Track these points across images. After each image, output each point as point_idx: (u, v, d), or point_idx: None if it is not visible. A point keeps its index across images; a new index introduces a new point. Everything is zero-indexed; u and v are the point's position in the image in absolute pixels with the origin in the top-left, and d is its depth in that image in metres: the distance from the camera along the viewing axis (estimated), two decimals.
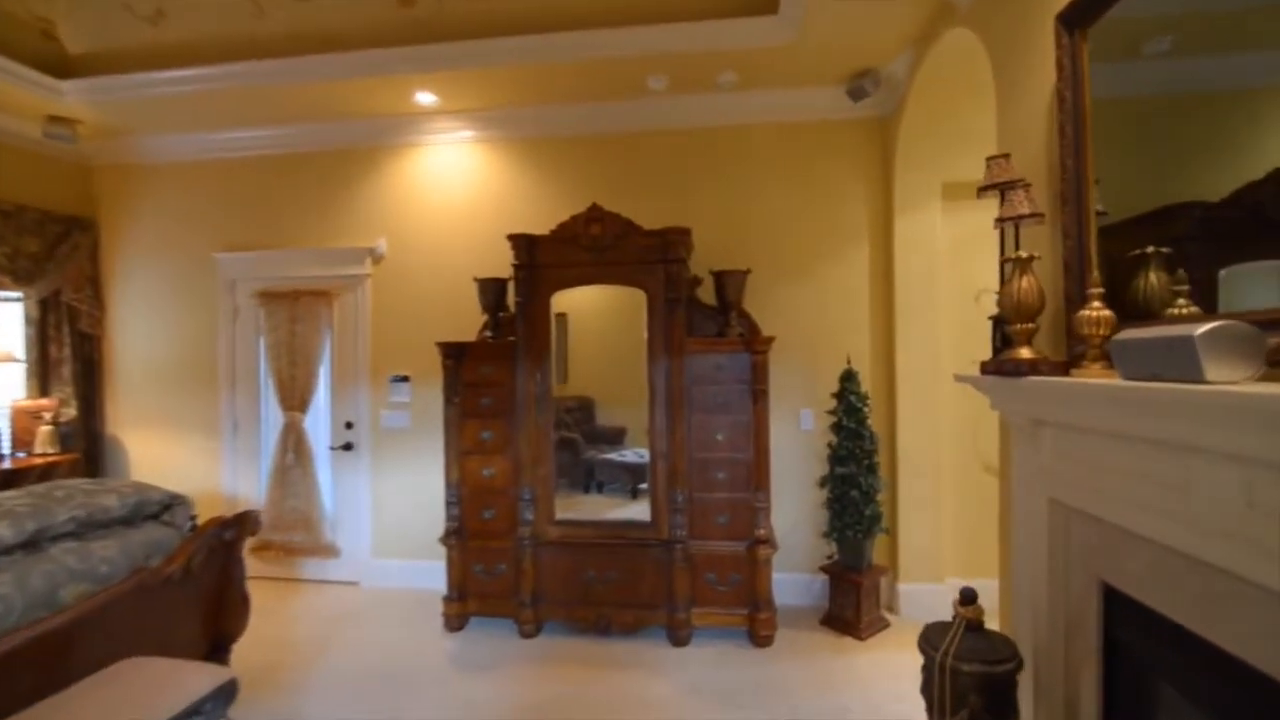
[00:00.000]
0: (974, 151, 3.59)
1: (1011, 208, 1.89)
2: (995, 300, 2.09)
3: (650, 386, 3.30)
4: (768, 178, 3.85)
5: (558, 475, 3.83)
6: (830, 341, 3.79)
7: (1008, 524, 2.30)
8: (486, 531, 3.47)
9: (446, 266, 4.07)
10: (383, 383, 4.17)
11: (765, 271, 3.80)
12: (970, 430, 3.71)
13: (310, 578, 4.28)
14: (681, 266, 3.24)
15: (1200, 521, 1.24)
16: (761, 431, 3.25)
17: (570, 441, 4.02)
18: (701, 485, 3.30)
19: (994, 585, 3.76)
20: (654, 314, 3.28)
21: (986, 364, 1.87)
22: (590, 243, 3.28)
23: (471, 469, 3.48)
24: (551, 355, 3.40)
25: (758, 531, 3.24)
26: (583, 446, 4.03)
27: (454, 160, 4.12)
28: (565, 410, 4.04)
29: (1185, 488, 1.27)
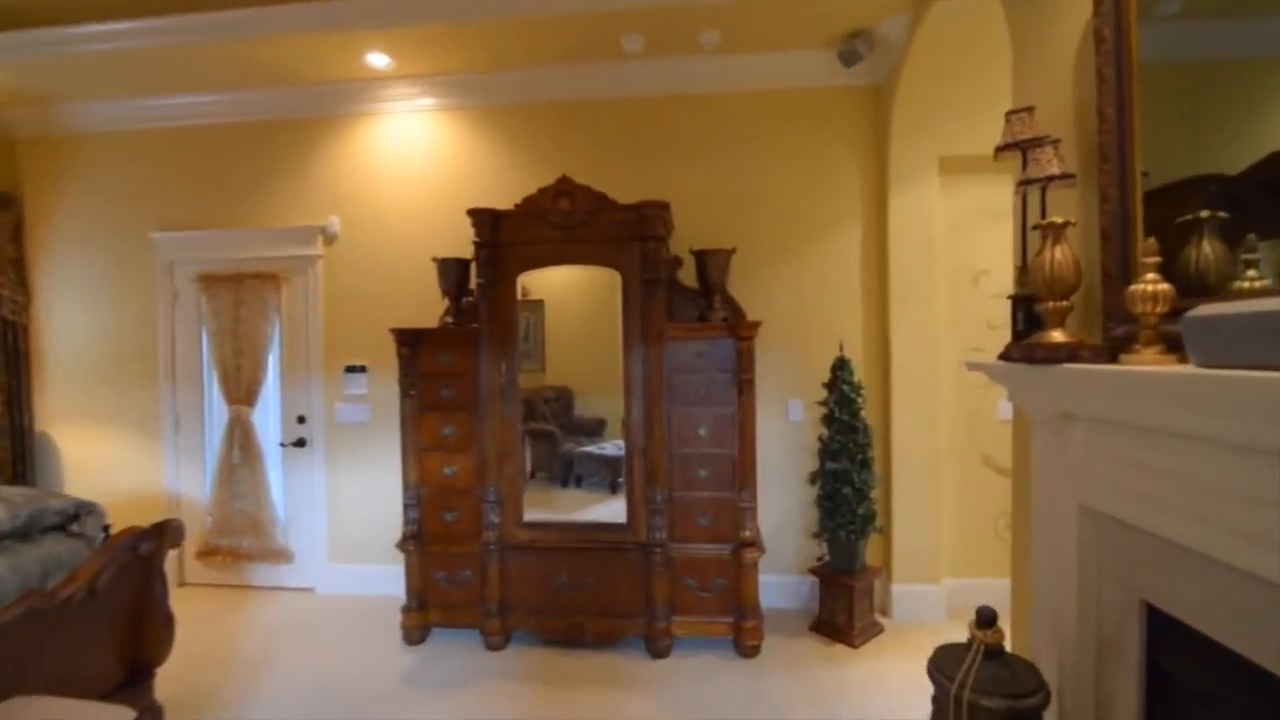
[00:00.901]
0: (974, 123, 3.34)
1: (1038, 168, 1.62)
2: (1015, 278, 1.84)
3: (626, 376, 3.02)
4: (753, 151, 3.57)
5: (534, 469, 3.57)
6: (821, 327, 3.53)
7: (1024, 529, 2.06)
8: (449, 535, 3.18)
9: (406, 247, 3.74)
10: (337, 373, 3.84)
11: (751, 252, 3.53)
12: (968, 421, 3.49)
13: (261, 584, 3.96)
14: (659, 245, 2.95)
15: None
16: (747, 425, 2.98)
17: (548, 434, 3.76)
18: (682, 484, 3.04)
19: (993, 585, 3.57)
20: (629, 297, 2.99)
21: (1011, 349, 1.61)
22: (559, 219, 2.98)
23: (431, 468, 3.18)
24: (518, 343, 3.10)
25: (743, 533, 2.98)
26: (561, 439, 3.76)
27: (412, 131, 3.78)
28: (543, 401, 3.77)
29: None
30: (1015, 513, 2.19)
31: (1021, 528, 2.11)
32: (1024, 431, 2.04)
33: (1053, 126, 1.78)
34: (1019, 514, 2.15)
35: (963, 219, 3.45)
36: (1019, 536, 2.16)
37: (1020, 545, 2.13)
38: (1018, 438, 2.14)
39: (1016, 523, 2.18)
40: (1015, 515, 2.19)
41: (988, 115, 3.30)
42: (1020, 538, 2.14)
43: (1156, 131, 1.46)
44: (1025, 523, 2.05)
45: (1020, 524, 2.13)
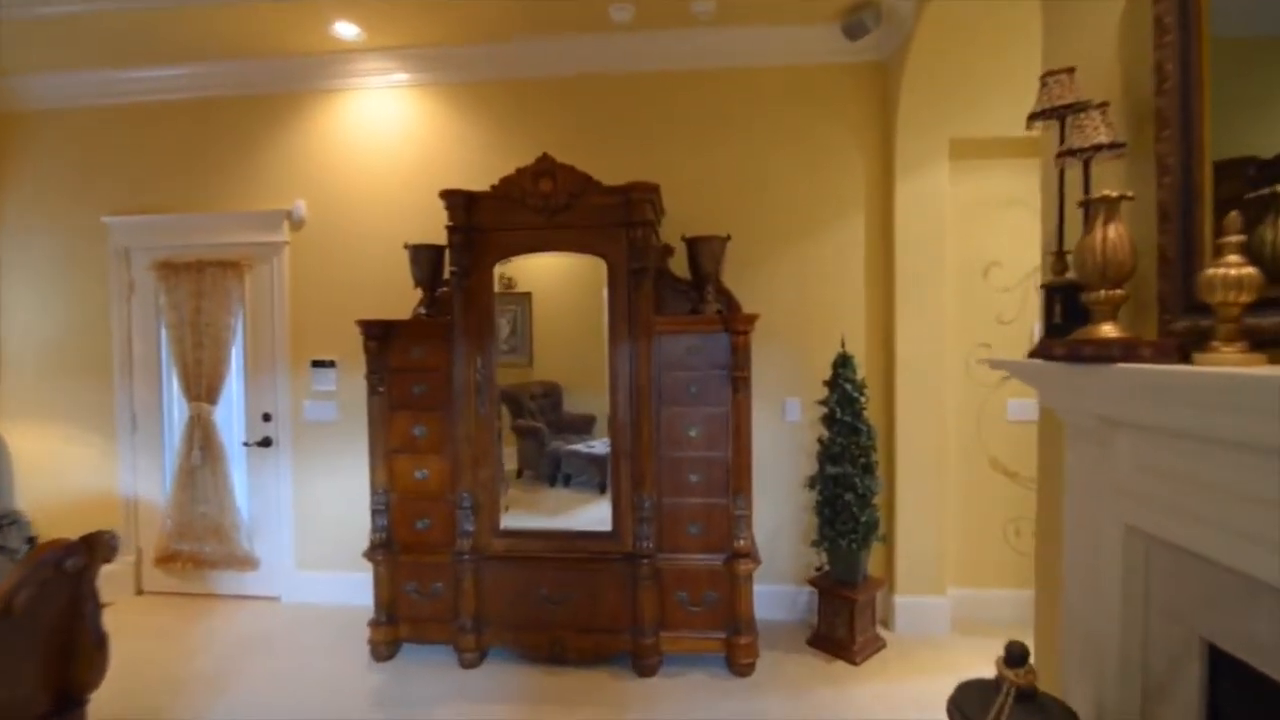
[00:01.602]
0: (987, 102, 3.12)
1: (1082, 136, 1.40)
2: (1049, 265, 1.61)
3: (611, 373, 2.79)
4: (750, 133, 3.34)
5: (521, 467, 3.37)
6: (821, 321, 3.31)
7: (1050, 546, 1.85)
8: (420, 544, 2.95)
9: (378, 233, 3.49)
10: (304, 368, 3.59)
11: (747, 241, 3.30)
12: (975, 421, 3.28)
13: (225, 592, 3.72)
14: (648, 231, 2.72)
15: None
16: (742, 426, 2.76)
17: (534, 431, 3.54)
18: (672, 489, 2.81)
19: (1001, 597, 3.38)
20: (616, 287, 2.76)
21: (1052, 346, 1.39)
22: (540, 202, 2.74)
23: (401, 470, 2.95)
24: (495, 336, 2.87)
25: (737, 543, 2.77)
26: (548, 436, 3.55)
27: (385, 108, 3.52)
28: (530, 397, 3.57)
29: None
30: (1040, 527, 1.97)
31: (1047, 545, 1.90)
32: (1052, 438, 1.83)
33: (1093, 92, 1.56)
34: (1044, 530, 1.94)
35: (972, 207, 3.23)
36: (1044, 554, 1.95)
37: (1046, 564, 1.92)
38: (1045, 444, 1.93)
39: (1041, 539, 1.97)
40: (1040, 530, 1.98)
41: (1002, 94, 3.09)
42: (1046, 555, 1.92)
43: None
44: (1052, 540, 1.84)
45: (1046, 541, 1.91)
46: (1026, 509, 3.27)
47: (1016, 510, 3.28)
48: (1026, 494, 3.26)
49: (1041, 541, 1.96)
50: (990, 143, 3.14)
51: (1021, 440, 3.26)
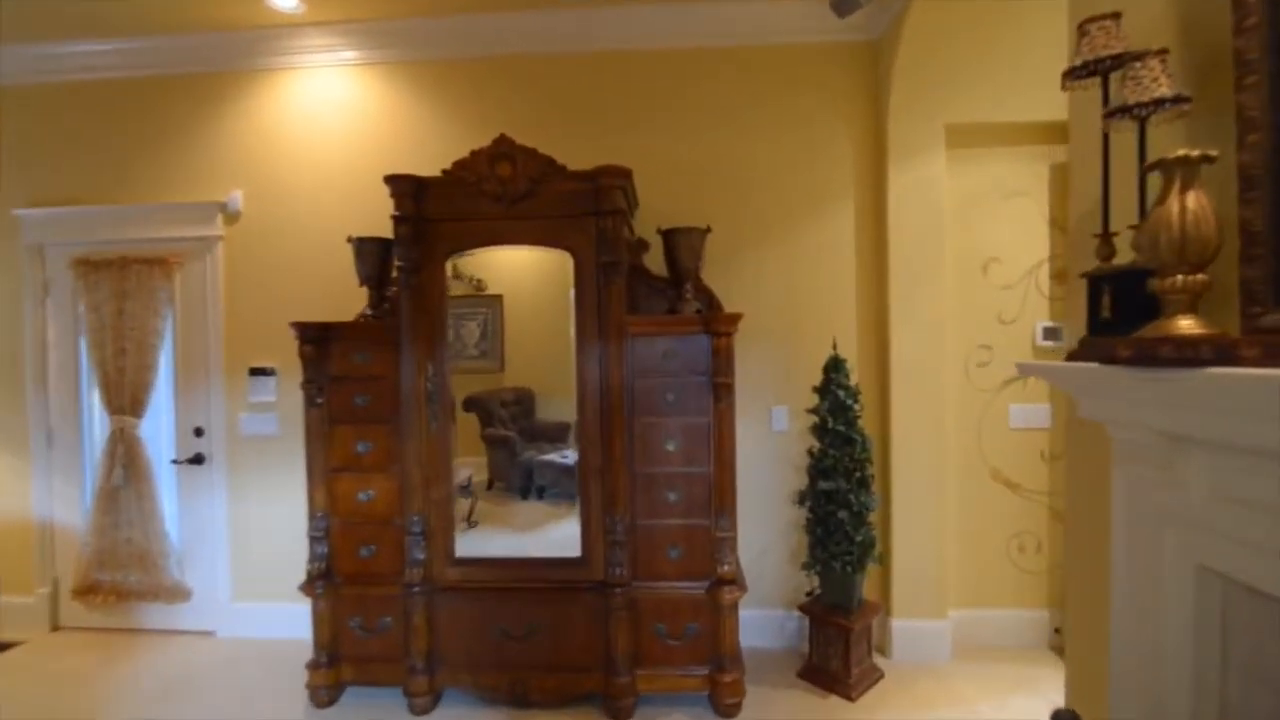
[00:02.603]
0: (986, 85, 2.86)
1: (1139, 89, 1.14)
2: (1095, 250, 1.35)
3: (579, 380, 2.49)
4: (731, 117, 3.07)
5: (492, 479, 3.05)
6: (810, 322, 3.05)
7: (1086, 587, 1.59)
8: (365, 574, 2.62)
9: (324, 226, 3.16)
10: (241, 377, 3.24)
11: (729, 236, 3.03)
12: (975, 429, 3.04)
13: (153, 627, 3.34)
14: (619, 221, 2.43)
15: None
16: (724, 438, 2.48)
17: (505, 440, 3.24)
18: (647, 510, 2.52)
19: (1006, 618, 3.10)
20: (583, 283, 2.47)
21: (1114, 347, 1.12)
22: (498, 188, 2.44)
23: (343, 492, 2.62)
24: (447, 339, 2.55)
25: (721, 568, 2.48)
26: (520, 446, 3.25)
27: (331, 90, 3.19)
28: (501, 405, 3.27)
29: None
30: (1071, 566, 1.71)
31: (1081, 584, 1.64)
32: (1088, 456, 1.57)
33: (1140, 41, 1.31)
34: (1077, 568, 1.67)
35: (970, 198, 3.00)
36: (1079, 596, 1.68)
37: (1082, 609, 1.66)
38: (1077, 464, 1.66)
39: (1073, 579, 1.70)
40: (1071, 569, 1.71)
41: (1003, 77, 2.85)
42: (1080, 598, 1.66)
43: None
44: (1086, 579, 1.59)
45: (1080, 580, 1.65)
46: (1030, 523, 3.04)
47: (1019, 524, 3.04)
48: (1029, 507, 3.03)
49: (1075, 581, 1.69)
50: (989, 129, 2.92)
51: (1024, 449, 3.03)
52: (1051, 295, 3.00)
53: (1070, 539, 1.70)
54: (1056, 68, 2.77)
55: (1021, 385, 3.02)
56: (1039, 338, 2.99)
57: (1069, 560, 1.71)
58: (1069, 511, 1.70)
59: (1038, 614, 3.05)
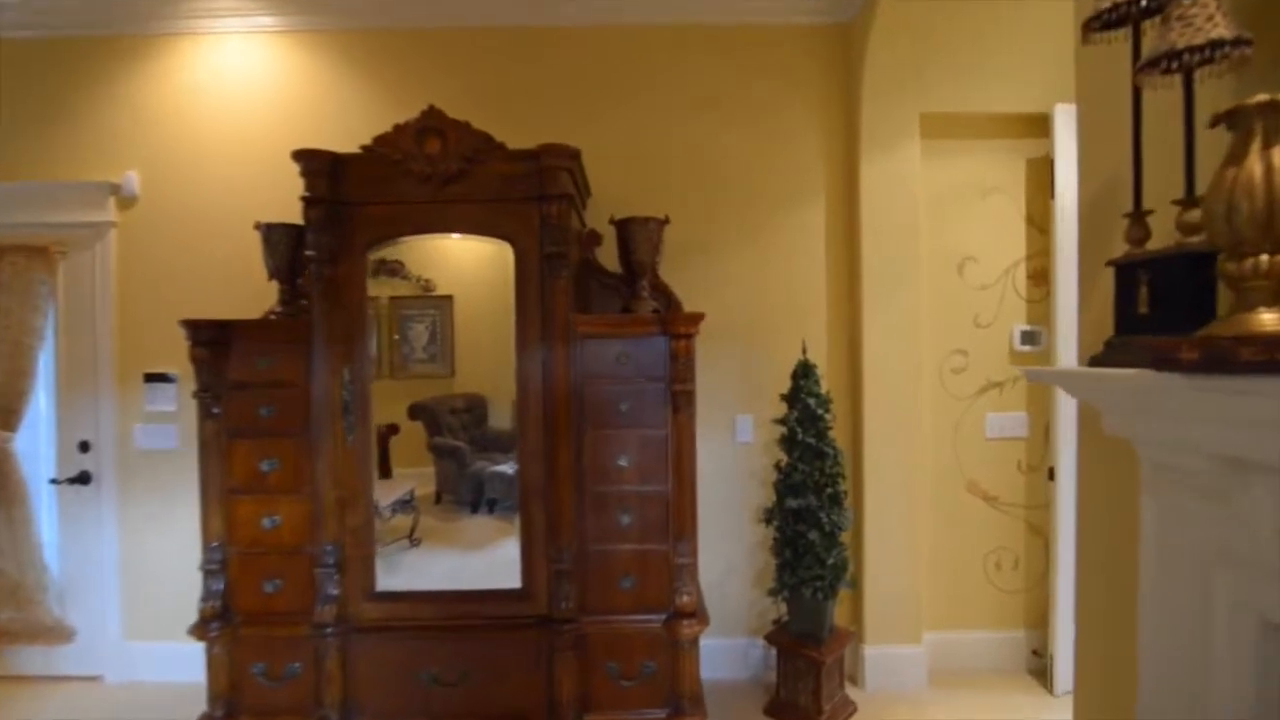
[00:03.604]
0: (963, 72, 2.67)
1: (1188, 31, 0.92)
2: (1126, 232, 1.13)
3: (519, 386, 2.20)
4: (693, 103, 2.82)
5: (440, 491, 2.76)
6: (777, 324, 2.82)
7: (1102, 620, 1.37)
8: (270, 613, 2.26)
9: (233, 213, 2.77)
10: (136, 383, 2.84)
11: (690, 230, 2.78)
12: (951, 439, 2.85)
13: (29, 672, 2.89)
14: (566, 207, 2.15)
15: None
16: (684, 452, 2.22)
17: (454, 450, 2.95)
18: (598, 534, 2.24)
19: (983, 641, 2.88)
20: (525, 277, 2.17)
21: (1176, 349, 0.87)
22: (426, 167, 2.13)
23: (244, 517, 2.26)
24: (368, 341, 2.23)
25: (679, 599, 2.21)
26: (470, 456, 2.95)
27: (243, 59, 2.83)
28: (450, 412, 2.99)
29: None
30: (1083, 607, 1.48)
31: (1094, 616, 1.42)
32: (1104, 473, 1.35)
33: None
34: (1088, 609, 1.45)
35: (945, 194, 2.82)
36: (1089, 638, 1.46)
37: (1092, 641, 1.44)
38: (1092, 484, 1.44)
39: (1084, 614, 1.48)
40: (1080, 600, 1.49)
41: (980, 64, 2.67)
42: (1090, 630, 1.44)
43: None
44: (1099, 609, 1.37)
45: (1093, 610, 1.43)
46: (1007, 539, 2.86)
47: (997, 540, 2.86)
48: (1007, 521, 2.86)
49: (1086, 621, 1.47)
50: (965, 120, 2.74)
51: (1001, 460, 2.86)
52: (1029, 297, 2.84)
53: (1082, 574, 1.48)
54: (1034, 58, 2.61)
55: (998, 393, 2.85)
56: (1017, 342, 2.82)
57: (1080, 598, 1.49)
58: (1079, 542, 1.48)
59: (1015, 635, 2.87)
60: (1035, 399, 2.84)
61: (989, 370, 2.85)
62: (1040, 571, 2.85)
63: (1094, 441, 1.38)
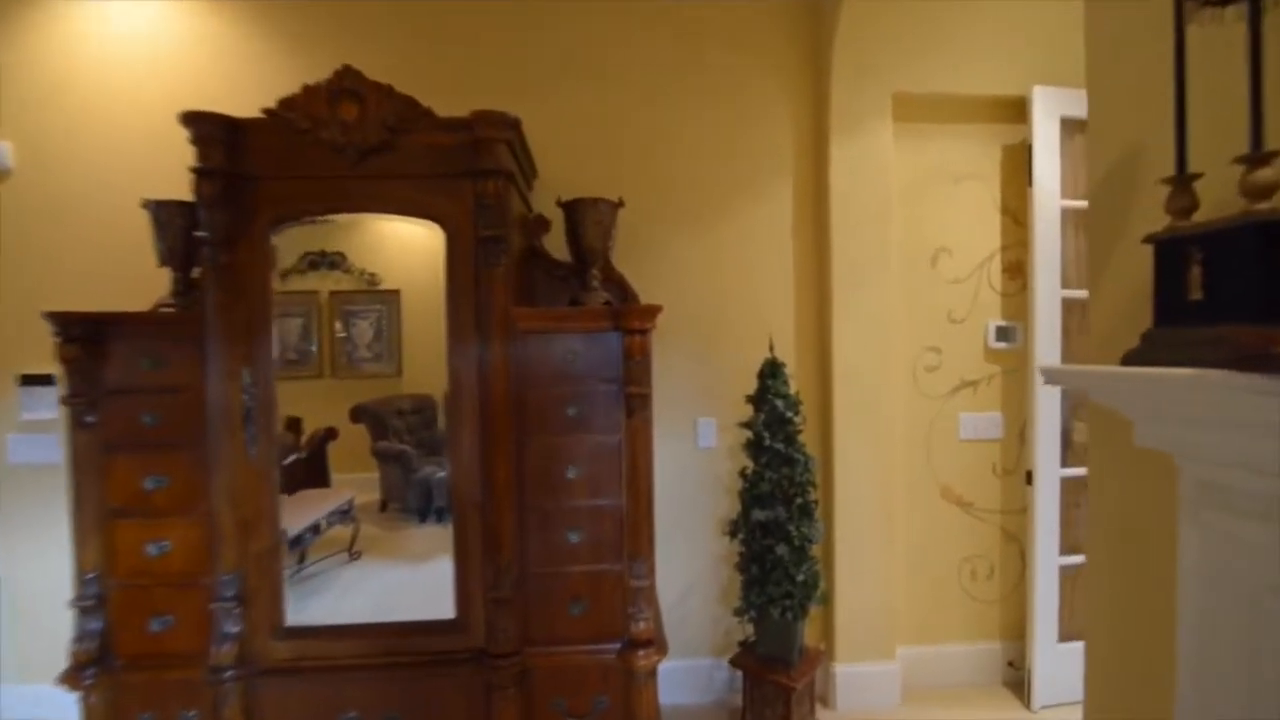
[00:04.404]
0: (938, 50, 2.48)
1: None
2: (1165, 203, 0.93)
3: (451, 389, 1.93)
4: (649, 81, 2.59)
5: (385, 499, 2.51)
6: (742, 319, 2.61)
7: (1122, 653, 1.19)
8: (159, 655, 1.94)
9: (119, 190, 2.42)
10: (9, 387, 2.46)
11: (647, 217, 2.56)
12: (924, 441, 2.69)
13: None
14: (504, 184, 1.88)
15: None
16: (639, 461, 1.98)
17: (400, 455, 2.70)
18: (543, 555, 1.98)
19: (958, 654, 2.72)
20: (457, 263, 1.90)
21: (1273, 342, 0.68)
22: (341, 136, 1.84)
23: (127, 543, 1.93)
24: (271, 337, 1.92)
25: (635, 625, 1.97)
26: (417, 461, 2.70)
27: (135, 18, 2.47)
28: (396, 414, 2.73)
29: None
30: (1091, 627, 1.30)
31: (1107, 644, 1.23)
32: (1113, 490, 1.16)
33: None
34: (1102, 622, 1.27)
35: (918, 181, 2.65)
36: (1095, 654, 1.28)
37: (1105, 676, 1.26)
38: (1101, 503, 1.25)
39: (1093, 641, 1.30)
40: (1090, 631, 1.30)
41: (956, 41, 2.49)
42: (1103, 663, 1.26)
43: None
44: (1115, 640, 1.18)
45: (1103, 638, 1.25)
46: (982, 546, 2.72)
47: (971, 548, 2.71)
48: (982, 527, 2.71)
49: (1091, 647, 1.28)
50: (940, 102, 2.58)
51: (975, 462, 2.71)
52: (1004, 291, 2.69)
53: (1092, 607, 1.29)
54: (1011, 39, 2.43)
55: (971, 392, 2.70)
56: (991, 338, 2.67)
57: (1090, 621, 1.30)
58: (1089, 561, 1.30)
59: (990, 647, 2.73)
60: (1009, 398, 2.70)
61: (962, 368, 2.69)
62: (1016, 579, 2.71)
63: (1109, 453, 1.20)
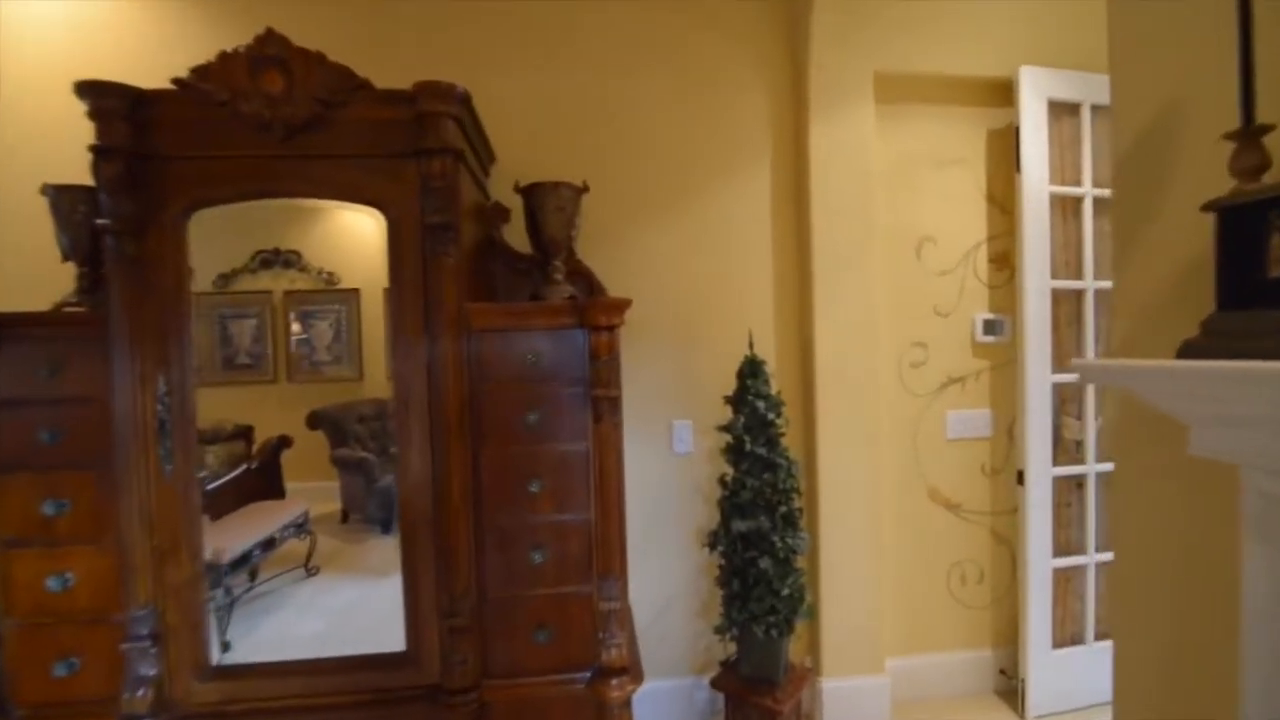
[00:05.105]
0: (921, 26, 2.35)
1: None
2: (1229, 162, 0.78)
3: (396, 394, 1.72)
4: (616, 59, 2.41)
5: (346, 510, 2.29)
6: (718, 314, 2.45)
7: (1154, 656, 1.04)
8: (65, 703, 1.70)
9: (19, 171, 2.16)
10: None
11: (616, 205, 2.38)
12: (910, 441, 2.56)
13: None
14: (452, 164, 1.68)
15: None
16: (609, 471, 1.80)
17: (360, 463, 2.49)
18: (503, 577, 1.79)
19: (948, 663, 2.61)
20: (402, 254, 1.70)
21: None
22: (264, 109, 1.62)
23: (24, 576, 1.69)
24: (188, 340, 1.70)
25: (607, 652, 1.79)
26: (379, 469, 2.48)
27: None
28: (358, 420, 2.53)
29: None
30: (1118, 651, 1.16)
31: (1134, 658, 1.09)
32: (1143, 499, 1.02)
33: None
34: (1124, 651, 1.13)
35: (901, 167, 2.51)
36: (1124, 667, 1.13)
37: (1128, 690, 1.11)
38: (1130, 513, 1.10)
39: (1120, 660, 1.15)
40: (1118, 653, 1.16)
41: (940, 18, 2.39)
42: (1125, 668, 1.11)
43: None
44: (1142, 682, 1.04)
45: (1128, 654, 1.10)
46: (971, 549, 2.60)
47: (960, 552, 2.59)
48: (971, 530, 2.59)
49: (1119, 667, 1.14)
50: (923, 82, 2.45)
51: (963, 463, 2.59)
52: (990, 283, 2.57)
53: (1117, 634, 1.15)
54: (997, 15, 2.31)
55: (959, 388, 2.58)
56: (979, 332, 2.55)
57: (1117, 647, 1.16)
58: (1117, 591, 1.15)
59: (981, 655, 2.61)
60: (997, 395, 2.58)
61: (949, 364, 2.57)
62: (1006, 584, 2.59)
63: (1139, 458, 1.05)
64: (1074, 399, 2.48)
